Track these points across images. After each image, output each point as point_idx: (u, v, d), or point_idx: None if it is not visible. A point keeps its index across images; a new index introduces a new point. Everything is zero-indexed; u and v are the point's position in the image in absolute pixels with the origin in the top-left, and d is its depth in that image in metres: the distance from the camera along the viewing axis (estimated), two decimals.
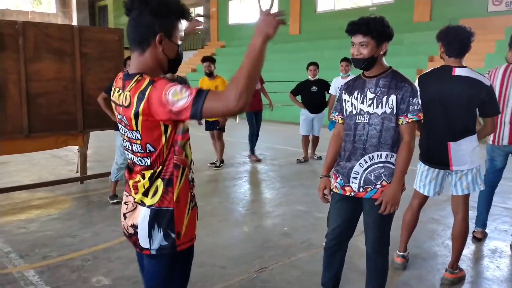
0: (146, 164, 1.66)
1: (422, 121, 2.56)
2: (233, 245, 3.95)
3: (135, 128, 1.60)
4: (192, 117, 1.47)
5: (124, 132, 1.69)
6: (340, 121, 2.72)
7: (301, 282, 3.25)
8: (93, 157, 7.56)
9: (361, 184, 2.53)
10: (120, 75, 1.72)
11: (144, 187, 1.66)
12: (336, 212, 2.69)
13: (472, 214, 4.57)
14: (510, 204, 4.84)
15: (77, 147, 6.06)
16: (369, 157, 2.50)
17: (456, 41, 2.97)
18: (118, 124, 1.74)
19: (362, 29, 2.39)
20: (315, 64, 7.73)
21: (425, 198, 3.35)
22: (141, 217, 1.67)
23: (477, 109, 3.04)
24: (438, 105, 3.01)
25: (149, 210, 1.66)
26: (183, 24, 1.68)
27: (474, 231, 4.06)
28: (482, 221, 4.01)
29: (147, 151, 1.63)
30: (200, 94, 1.45)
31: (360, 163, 2.52)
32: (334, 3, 18.65)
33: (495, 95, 3.05)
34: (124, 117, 1.62)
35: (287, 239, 4.08)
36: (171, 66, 1.69)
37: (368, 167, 2.50)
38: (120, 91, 1.65)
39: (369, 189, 2.52)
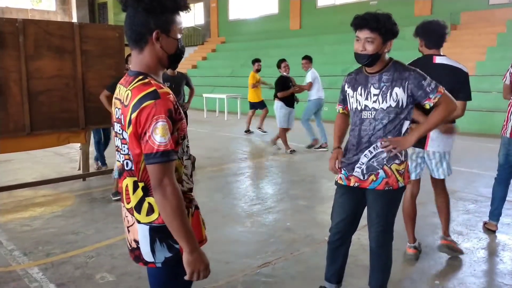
0: (130, 168, 1.62)
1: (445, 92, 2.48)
2: (236, 240, 3.95)
3: (126, 129, 1.57)
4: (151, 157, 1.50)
5: (119, 130, 1.64)
6: (341, 111, 2.76)
7: (304, 276, 3.26)
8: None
9: (364, 172, 2.53)
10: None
11: (134, 200, 1.63)
12: (341, 205, 2.69)
13: (484, 206, 4.58)
14: None
15: (79, 144, 6.06)
16: (374, 147, 2.50)
17: (435, 34, 3.26)
18: (114, 123, 1.68)
19: (371, 24, 2.34)
20: (286, 61, 8.32)
21: (415, 185, 3.48)
22: (141, 234, 1.64)
23: None
24: None
25: (147, 227, 1.62)
26: (181, 17, 1.63)
27: (486, 223, 4.09)
28: (496, 215, 4.04)
29: (130, 156, 1.61)
30: (168, 155, 1.50)
31: (365, 154, 2.52)
32: None
33: (469, 82, 3.21)
34: (122, 115, 1.59)
35: (290, 234, 4.09)
36: (172, 61, 1.65)
37: (373, 156, 2.51)
38: (122, 87, 1.64)
39: (372, 177, 2.51)
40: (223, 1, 23.91)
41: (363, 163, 2.53)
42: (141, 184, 1.60)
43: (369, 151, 2.51)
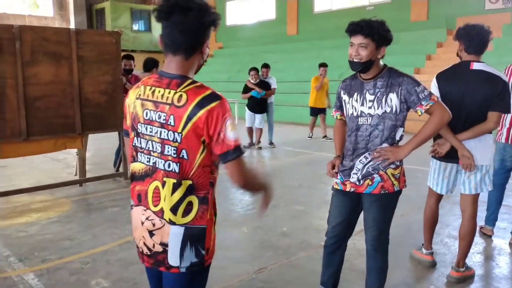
0: (173, 170, 1.62)
1: (438, 101, 2.45)
2: (233, 245, 3.95)
3: (179, 130, 1.58)
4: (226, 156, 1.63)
5: (154, 132, 1.64)
6: (339, 117, 2.76)
7: (299, 281, 3.26)
8: (92, 160, 7.56)
9: (360, 178, 2.55)
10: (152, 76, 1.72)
11: (170, 202, 1.63)
12: (337, 209, 2.71)
13: (480, 211, 4.58)
14: (509, 202, 4.84)
15: (75, 150, 6.06)
16: (370, 153, 2.52)
17: (477, 38, 3.00)
18: (141, 125, 1.67)
19: (364, 30, 2.38)
20: (256, 69, 8.98)
21: (440, 194, 3.35)
22: (173, 235, 1.64)
23: None
24: (455, 99, 2.98)
25: (182, 228, 1.64)
26: None
27: (482, 227, 4.09)
28: (492, 220, 4.03)
29: (180, 156, 1.61)
30: (242, 149, 1.65)
31: (361, 160, 2.55)
32: (332, 3, 18.66)
33: (510, 93, 2.99)
34: (171, 116, 1.59)
35: (286, 239, 4.09)
36: (198, 70, 1.76)
37: (369, 162, 2.53)
38: (161, 89, 1.63)
39: (368, 182, 2.53)
40: (221, 7, 23.96)
41: (359, 170, 2.56)
42: (187, 183, 1.62)
43: (364, 156, 2.54)
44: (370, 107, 2.49)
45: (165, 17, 1.61)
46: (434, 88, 3.12)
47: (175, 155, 1.61)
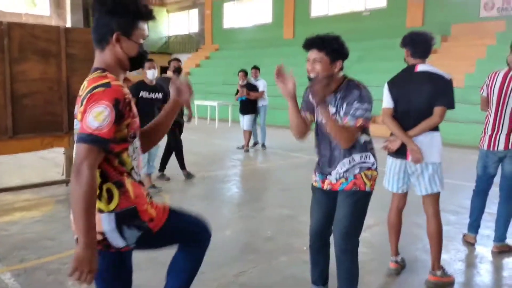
0: None
1: (363, 126, 2.48)
2: (215, 249, 3.84)
3: (79, 118, 1.62)
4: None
5: (76, 124, 1.69)
6: (309, 118, 2.73)
7: (279, 285, 3.23)
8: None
9: (337, 178, 2.61)
10: None
11: None
12: (317, 206, 2.77)
13: (465, 218, 4.55)
14: (493, 209, 4.81)
15: (63, 148, 6.01)
16: (348, 161, 2.57)
17: (422, 44, 3.20)
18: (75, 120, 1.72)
19: (317, 44, 2.45)
20: (244, 71, 9.27)
21: (400, 198, 3.39)
22: (106, 223, 1.66)
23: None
24: (404, 101, 3.18)
25: (112, 215, 1.66)
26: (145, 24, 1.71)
27: (465, 235, 4.08)
28: (475, 228, 4.02)
29: None
30: (96, 140, 1.54)
31: (337, 169, 2.60)
32: (328, 8, 18.70)
33: (453, 90, 3.13)
34: (76, 106, 1.68)
35: (269, 243, 4.06)
36: (132, 64, 1.72)
37: (346, 170, 2.58)
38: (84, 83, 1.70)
39: (342, 180, 2.58)
40: (218, 9, 24.00)
41: (339, 173, 2.60)
42: (98, 171, 1.63)
43: (342, 163, 2.58)
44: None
45: (93, 15, 1.70)
46: (386, 93, 3.28)
47: None
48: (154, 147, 5.41)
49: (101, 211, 1.66)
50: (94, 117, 1.52)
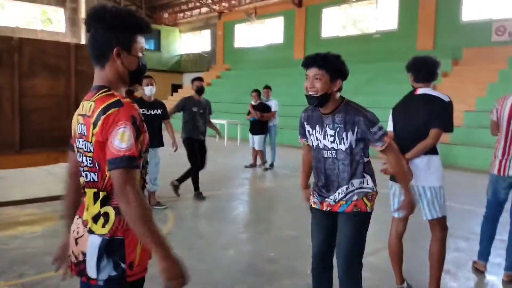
0: (91, 180, 1.62)
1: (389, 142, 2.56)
2: (216, 269, 3.83)
3: (89, 139, 1.58)
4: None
5: (81, 144, 1.65)
6: (306, 143, 2.75)
7: None
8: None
9: (336, 201, 2.59)
10: None
11: (92, 212, 1.62)
12: (317, 228, 2.72)
13: (475, 245, 4.41)
14: (505, 236, 4.68)
15: None
16: (346, 188, 2.55)
17: (424, 69, 3.20)
18: (77, 140, 1.67)
19: (318, 62, 2.43)
20: (257, 91, 9.23)
21: (398, 222, 3.32)
22: (91, 246, 1.60)
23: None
24: (402, 124, 3.22)
25: (100, 239, 1.59)
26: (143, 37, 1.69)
27: (475, 262, 3.95)
28: (485, 255, 3.88)
29: (96, 166, 1.60)
30: (131, 161, 1.51)
31: (335, 195, 2.58)
32: (339, 30, 18.82)
33: (452, 112, 3.10)
34: (85, 127, 1.61)
35: (272, 265, 3.96)
36: (132, 78, 1.70)
37: (345, 195, 2.56)
38: (86, 102, 1.66)
39: (342, 202, 2.56)
40: (230, 29, 24.30)
41: (337, 199, 2.58)
42: (102, 194, 1.61)
43: (338, 193, 2.56)
44: (332, 142, 2.53)
45: (88, 30, 1.64)
46: (390, 118, 3.36)
47: (91, 165, 1.62)
48: (153, 164, 5.36)
49: (91, 232, 1.61)
50: (120, 139, 1.50)
